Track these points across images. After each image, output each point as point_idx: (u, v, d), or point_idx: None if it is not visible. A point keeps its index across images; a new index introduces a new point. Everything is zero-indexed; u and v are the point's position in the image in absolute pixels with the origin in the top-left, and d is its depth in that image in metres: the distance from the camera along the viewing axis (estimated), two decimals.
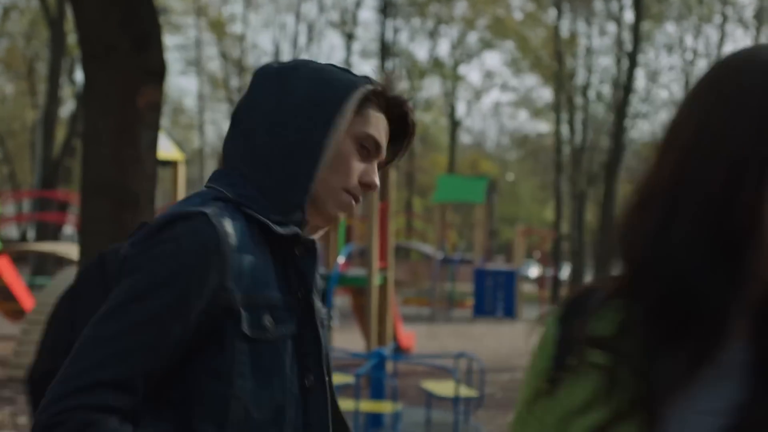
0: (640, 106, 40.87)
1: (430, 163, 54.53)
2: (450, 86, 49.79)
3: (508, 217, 68.67)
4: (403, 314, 24.78)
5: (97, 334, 1.60)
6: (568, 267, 46.71)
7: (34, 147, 39.00)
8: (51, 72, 28.60)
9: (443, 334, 19.93)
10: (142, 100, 4.82)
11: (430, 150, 60.26)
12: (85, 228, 4.82)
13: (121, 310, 1.61)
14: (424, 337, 18.76)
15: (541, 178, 61.31)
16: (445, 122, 54.06)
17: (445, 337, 19.00)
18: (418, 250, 39.14)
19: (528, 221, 64.15)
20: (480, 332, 20.57)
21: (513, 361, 15.05)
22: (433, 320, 23.75)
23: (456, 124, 50.90)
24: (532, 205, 67.98)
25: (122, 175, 4.78)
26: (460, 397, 8.06)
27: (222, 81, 48.11)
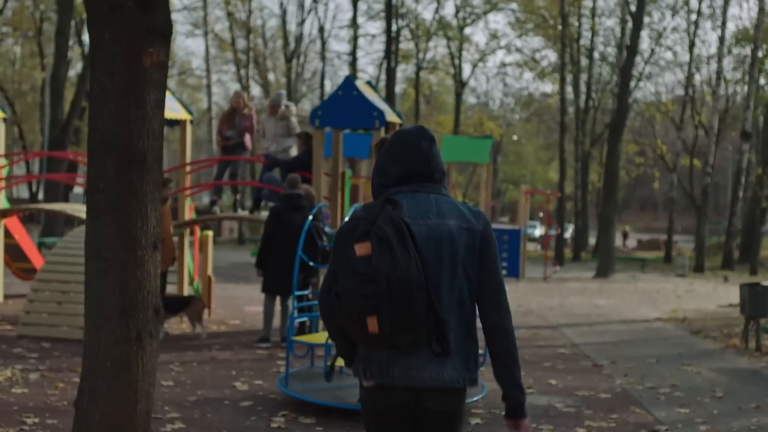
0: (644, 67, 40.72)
1: (435, 123, 54.41)
2: (455, 47, 49.60)
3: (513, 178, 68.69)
4: None
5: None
6: (571, 227, 46.82)
7: (43, 108, 39.08)
8: (59, 32, 28.56)
9: None
10: (148, 60, 4.87)
11: (435, 111, 60.18)
12: (91, 186, 4.90)
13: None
14: None
15: (546, 139, 61.22)
16: (450, 83, 53.91)
17: None
18: None
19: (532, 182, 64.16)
20: None
21: (517, 319, 15.13)
22: None
23: (461, 85, 50.75)
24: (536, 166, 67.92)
25: (129, 135, 4.83)
26: None
27: (229, 42, 47.98)
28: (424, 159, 3.60)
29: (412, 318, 3.30)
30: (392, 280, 3.26)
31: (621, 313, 16.54)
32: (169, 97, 13.72)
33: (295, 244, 10.85)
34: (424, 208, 3.52)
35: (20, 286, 16.34)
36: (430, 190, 3.59)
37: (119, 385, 4.88)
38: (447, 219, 3.51)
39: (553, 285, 23.40)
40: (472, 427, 7.59)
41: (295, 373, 8.98)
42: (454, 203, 3.60)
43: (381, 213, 3.40)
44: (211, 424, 7.44)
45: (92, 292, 4.93)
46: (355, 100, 12.04)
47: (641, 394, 9.21)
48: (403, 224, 3.38)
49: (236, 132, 13.75)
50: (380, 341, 3.35)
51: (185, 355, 10.72)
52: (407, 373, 3.41)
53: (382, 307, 3.27)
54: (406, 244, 3.33)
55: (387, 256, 3.29)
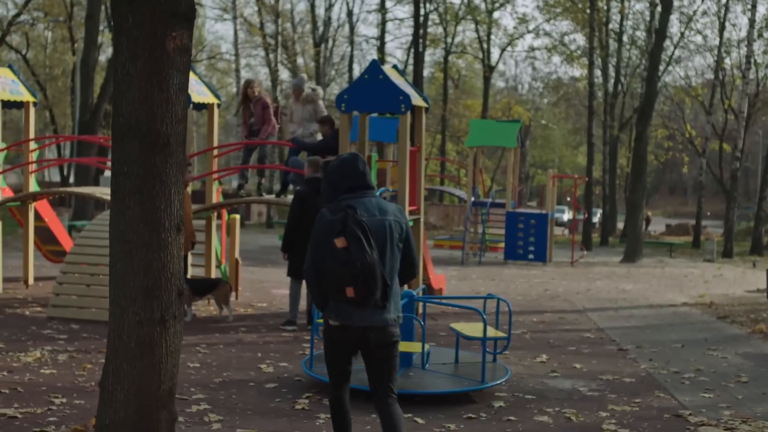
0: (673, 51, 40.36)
1: (463, 107, 54.26)
2: (484, 31, 49.40)
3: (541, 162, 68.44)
4: (436, 257, 24.94)
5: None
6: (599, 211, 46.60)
7: (73, 92, 39.35)
8: (89, 17, 28.69)
9: (474, 276, 20.09)
10: (171, 44, 4.92)
11: (463, 95, 60.00)
12: (116, 169, 4.96)
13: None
14: (455, 280, 18.95)
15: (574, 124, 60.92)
16: (479, 67, 53.72)
17: (476, 280, 19.16)
18: (451, 194, 39.18)
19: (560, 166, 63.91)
20: (511, 275, 20.70)
21: (543, 303, 15.19)
22: (466, 263, 23.90)
23: (489, 70, 50.55)
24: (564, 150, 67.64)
25: (152, 118, 4.89)
26: (487, 337, 8.21)
27: (257, 26, 48.02)
28: (362, 176, 5.37)
29: (375, 288, 5.11)
30: (363, 265, 5.05)
31: (647, 298, 16.49)
32: (196, 81, 13.81)
33: None
34: (370, 208, 5.29)
35: (50, 268, 16.52)
36: (370, 195, 5.36)
37: (143, 366, 4.96)
38: (386, 215, 5.31)
39: (579, 269, 23.33)
40: (495, 410, 7.61)
41: (320, 355, 9.03)
42: (386, 203, 5.40)
43: (346, 216, 5.14)
44: (235, 405, 7.51)
45: (116, 274, 5.00)
46: (381, 84, 12.05)
47: (666, 378, 9.19)
48: (365, 225, 5.12)
49: (256, 120, 13.80)
50: (351, 301, 5.17)
51: (212, 337, 10.81)
52: (363, 318, 5.22)
53: (357, 282, 5.10)
54: (369, 239, 5.12)
55: (359, 249, 5.07)
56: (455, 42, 50.39)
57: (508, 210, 25.31)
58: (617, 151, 43.95)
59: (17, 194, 15.04)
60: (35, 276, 15.28)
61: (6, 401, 7.35)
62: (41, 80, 46.48)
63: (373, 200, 5.32)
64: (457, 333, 8.82)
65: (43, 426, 6.60)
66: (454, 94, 57.05)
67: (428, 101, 13.46)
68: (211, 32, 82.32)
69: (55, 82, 47.95)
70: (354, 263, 5.04)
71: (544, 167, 63.68)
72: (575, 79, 52.63)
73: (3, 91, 14.15)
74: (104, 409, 5.02)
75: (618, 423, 7.28)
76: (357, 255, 5.04)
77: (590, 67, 37.44)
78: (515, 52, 59.17)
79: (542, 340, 11.37)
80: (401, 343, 8.37)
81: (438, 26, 49.36)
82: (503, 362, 9.14)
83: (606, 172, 41.84)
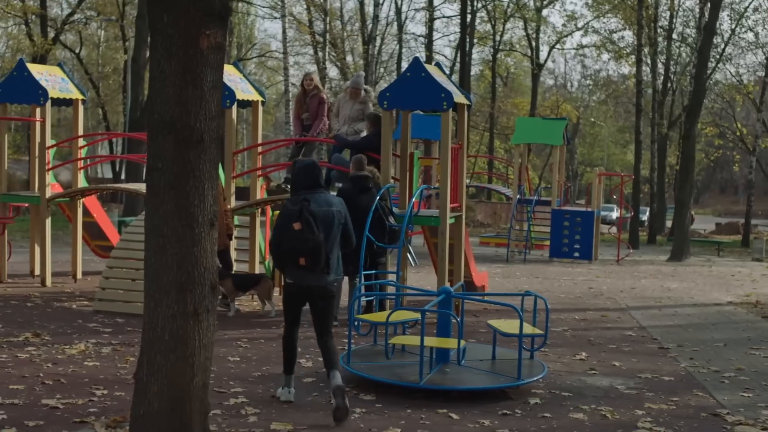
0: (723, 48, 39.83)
1: (511, 105, 54.07)
2: (532, 29, 49.18)
3: (590, 160, 67.98)
4: (481, 255, 24.93)
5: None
6: (647, 210, 46.18)
7: (125, 90, 39.84)
8: (140, 16, 29.03)
9: (519, 274, 20.05)
10: (205, 42, 5.02)
11: (512, 92, 59.79)
12: (151, 165, 5.07)
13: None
14: (499, 277, 18.93)
15: (624, 121, 60.42)
16: (528, 65, 53.50)
17: (520, 278, 19.12)
18: (497, 191, 39.07)
19: (609, 164, 63.44)
20: (555, 273, 20.63)
21: (586, 301, 15.12)
22: (511, 261, 23.85)
23: (538, 67, 50.32)
24: (613, 148, 67.12)
25: (186, 115, 4.99)
26: (523, 334, 8.22)
27: (306, 24, 48.21)
28: (316, 177, 7.44)
29: (320, 258, 7.13)
30: (313, 242, 7.08)
31: (692, 297, 16.35)
32: (241, 78, 13.95)
33: (363, 225, 11.01)
34: (320, 202, 7.30)
35: (99, 263, 16.77)
36: (322, 191, 7.40)
37: (176, 358, 5.06)
38: (331, 207, 7.36)
39: (625, 268, 23.17)
40: (531, 407, 7.62)
41: (359, 350, 9.12)
42: (332, 198, 7.48)
43: (302, 206, 7.15)
44: (272, 399, 7.60)
45: (151, 268, 5.11)
46: (423, 81, 12.09)
47: (705, 377, 9.14)
48: (314, 213, 7.16)
49: (310, 114, 13.86)
50: (303, 267, 7.18)
51: (254, 332, 10.93)
52: (311, 279, 7.23)
53: (308, 254, 7.12)
54: (317, 224, 7.13)
55: (310, 231, 7.08)
56: (504, 40, 50.22)
57: (553, 208, 25.21)
58: (666, 150, 43.55)
59: (66, 190, 15.30)
60: (84, 270, 15.53)
61: (49, 392, 7.52)
62: (94, 78, 47.14)
63: (323, 195, 7.38)
64: (494, 330, 8.84)
65: (84, 417, 6.75)
66: (503, 92, 56.87)
67: (471, 98, 13.47)
68: (261, 30, 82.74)
69: (107, 80, 48.61)
70: (306, 241, 7.07)
71: (593, 165, 63.29)
72: (624, 76, 52.20)
73: (53, 89, 14.39)
74: (139, 400, 5.14)
75: (654, 421, 7.26)
76: (308, 235, 7.07)
77: (638, 64, 37.10)
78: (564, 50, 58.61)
79: (583, 338, 11.34)
80: (437, 339, 8.45)
81: (486, 24, 49.24)
82: (540, 359, 9.14)
83: (654, 170, 41.47)
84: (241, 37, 52.16)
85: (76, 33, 48.44)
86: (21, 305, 12.40)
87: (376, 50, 49.67)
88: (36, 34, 39.49)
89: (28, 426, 6.48)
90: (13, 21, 45.00)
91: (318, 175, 7.46)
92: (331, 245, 7.27)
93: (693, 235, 34.70)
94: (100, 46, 51.85)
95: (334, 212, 7.33)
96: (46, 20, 40.65)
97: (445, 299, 8.53)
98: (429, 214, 12.76)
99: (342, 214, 7.42)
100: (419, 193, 12.41)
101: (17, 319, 11.26)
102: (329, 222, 7.26)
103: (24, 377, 8.07)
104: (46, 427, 6.46)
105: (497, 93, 52.72)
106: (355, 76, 14.41)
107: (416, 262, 20.89)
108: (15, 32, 50.16)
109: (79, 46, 49.21)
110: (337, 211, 7.37)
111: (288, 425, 6.74)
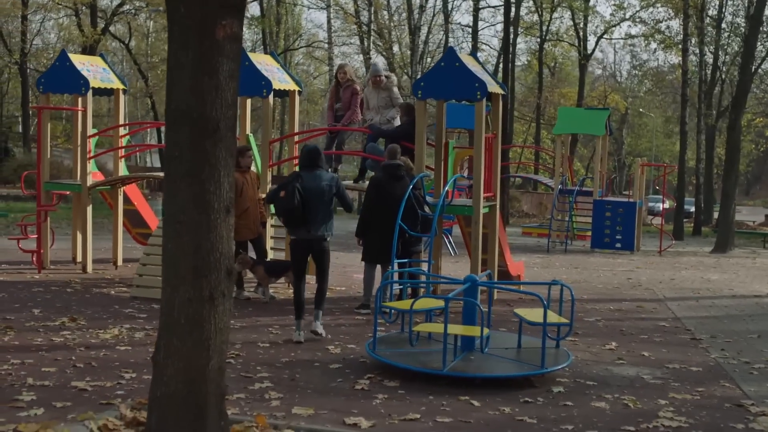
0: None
1: (558, 95, 53.72)
2: (580, 19, 48.82)
3: (638, 151, 67.36)
4: (523, 245, 24.91)
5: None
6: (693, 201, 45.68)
7: None
8: None
9: (558, 264, 20.01)
10: (221, 32, 5.10)
11: (560, 83, 59.43)
12: (169, 154, 5.17)
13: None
14: (538, 267, 18.92)
15: (674, 112, 59.79)
16: (575, 55, 53.13)
17: (559, 268, 19.09)
18: (539, 182, 38.90)
19: (658, 155, 62.82)
20: (595, 263, 20.55)
21: (623, 292, 15.07)
22: (551, 251, 23.79)
23: (586, 57, 49.96)
24: (662, 139, 66.46)
25: (202, 104, 5.08)
26: (547, 323, 8.25)
27: (352, 14, 48.32)
28: (314, 158, 9.64)
29: (293, 219, 9.47)
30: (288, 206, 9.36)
31: (732, 288, 16.21)
32: (278, 68, 14.08)
33: (395, 213, 11.09)
34: (314, 177, 9.51)
35: (140, 251, 16.99)
36: (318, 170, 9.58)
37: (193, 342, 5.17)
38: (322, 182, 9.50)
39: (667, 259, 23.01)
40: (554, 395, 7.66)
41: (387, 337, 9.22)
42: (325, 174, 9.63)
43: (294, 180, 9.48)
44: (297, 384, 7.72)
45: (168, 254, 5.22)
46: (456, 71, 12.13)
47: (734, 368, 9.10)
48: (302, 187, 9.41)
49: (342, 105, 13.97)
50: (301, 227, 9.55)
51: (286, 318, 11.05)
52: (305, 234, 9.55)
53: (285, 215, 9.52)
54: (300, 195, 9.37)
55: (288, 199, 9.36)
56: (551, 30, 49.90)
57: (595, 198, 25.09)
58: (714, 141, 43.06)
59: (107, 178, 15.55)
60: (125, 258, 15.79)
61: (79, 375, 7.70)
62: (143, 68, 47.69)
63: (317, 173, 9.59)
64: (520, 318, 8.89)
65: (110, 398, 6.91)
66: (551, 83, 56.54)
67: (505, 88, 13.48)
68: (309, 20, 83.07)
69: (155, 70, 49.12)
70: (285, 205, 9.43)
71: (641, 156, 62.76)
72: (674, 66, 51.64)
73: (95, 79, 14.64)
74: (156, 382, 5.26)
75: (676, 411, 7.26)
76: (286, 202, 9.41)
77: (684, 54, 36.71)
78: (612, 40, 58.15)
79: (615, 328, 11.33)
80: (461, 326, 8.51)
81: (533, 14, 48.98)
82: (566, 348, 9.16)
83: (700, 161, 41.03)
84: (288, 28, 52.41)
85: (126, 23, 49.01)
86: (61, 291, 12.66)
87: (421, 40, 49.62)
88: (86, 25, 40.05)
89: (56, 407, 6.65)
90: (64, 12, 45.68)
91: (316, 158, 9.66)
92: (318, 209, 9.48)
93: (740, 227, 34.32)
94: (149, 36, 52.41)
95: (324, 186, 9.53)
96: (96, 11, 41.19)
97: (470, 287, 8.58)
98: (462, 204, 12.81)
99: (332, 186, 9.60)
100: (452, 182, 12.45)
101: (56, 304, 11.51)
102: (320, 193, 9.50)
103: (56, 360, 8.27)
104: (72, 408, 6.62)
105: (544, 83, 52.40)
106: (372, 66, 14.50)
107: (456, 252, 20.96)
108: (66, 23, 50.96)
109: (129, 37, 49.79)
110: (326, 184, 9.55)
111: (309, 409, 6.84)
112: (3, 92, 54.38)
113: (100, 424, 5.96)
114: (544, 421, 6.85)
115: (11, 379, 7.51)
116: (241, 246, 12.76)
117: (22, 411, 6.51)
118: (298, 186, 9.37)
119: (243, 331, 10.15)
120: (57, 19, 51.44)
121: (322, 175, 9.60)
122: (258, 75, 13.25)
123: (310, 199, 9.41)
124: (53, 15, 49.38)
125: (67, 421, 6.20)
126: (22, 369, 7.87)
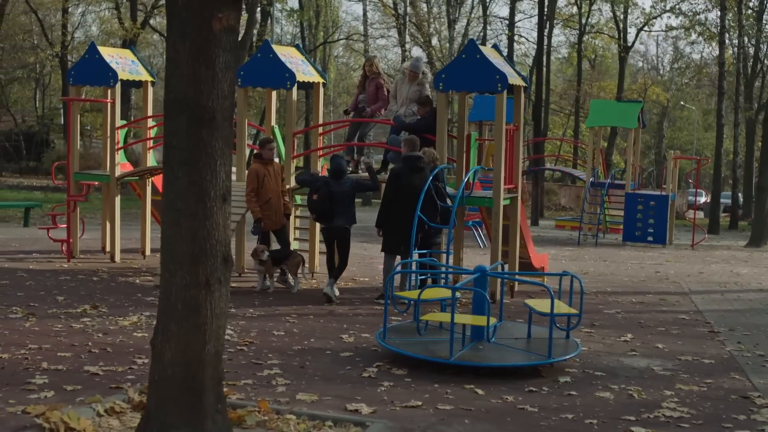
0: None
1: (597, 88, 53.33)
2: (620, 11, 48.51)
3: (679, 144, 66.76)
4: (554, 238, 24.89)
5: None
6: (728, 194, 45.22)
7: None
8: None
9: (587, 257, 19.98)
10: (218, 24, 5.22)
11: (600, 75, 59.02)
12: (167, 143, 5.30)
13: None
14: (567, 260, 18.91)
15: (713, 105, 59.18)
16: (615, 48, 52.78)
17: (587, 261, 19.06)
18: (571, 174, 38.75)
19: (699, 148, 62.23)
20: (625, 256, 20.49)
21: (649, 285, 15.03)
22: (582, 244, 23.75)
23: (626, 50, 49.62)
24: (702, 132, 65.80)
25: (199, 94, 5.20)
26: (555, 313, 8.30)
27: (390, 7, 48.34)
28: (341, 169, 12.09)
29: (325, 216, 11.99)
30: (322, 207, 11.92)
31: (760, 283, 16.11)
32: (302, 61, 14.21)
33: (414, 204, 11.18)
34: (339, 183, 11.94)
35: None
36: (341, 177, 12.00)
37: (189, 327, 5.30)
38: (345, 185, 12.02)
39: (699, 253, 22.88)
40: (560, 385, 7.71)
41: (398, 326, 9.32)
42: (347, 179, 12.12)
43: (324, 185, 11.94)
44: (306, 371, 7.84)
45: (167, 240, 5.35)
46: (477, 63, 12.18)
47: (747, 361, 9.09)
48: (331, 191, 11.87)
49: (366, 97, 14.07)
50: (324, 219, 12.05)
51: (305, 308, 11.20)
52: (329, 223, 12.02)
53: (319, 213, 12.09)
54: (331, 198, 11.84)
55: (325, 201, 11.86)
56: (590, 22, 49.60)
57: (627, 191, 24.99)
58: (755, 134, 42.60)
59: (135, 169, 15.78)
60: (153, 248, 16.01)
61: (93, 360, 7.89)
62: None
63: (342, 180, 11.96)
64: (529, 308, 8.95)
65: (120, 383, 7.07)
66: (591, 75, 56.16)
67: (527, 80, 13.50)
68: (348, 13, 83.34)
69: None
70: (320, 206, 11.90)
71: (683, 149, 62.25)
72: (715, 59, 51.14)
73: (123, 71, 14.87)
74: (155, 366, 5.40)
75: (680, 402, 7.29)
76: (321, 204, 11.87)
77: (721, 47, 36.36)
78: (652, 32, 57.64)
79: (633, 320, 11.33)
80: (468, 316, 8.59)
81: (572, 5, 48.75)
82: (578, 339, 9.19)
83: (737, 154, 40.63)
84: (326, 20, 52.56)
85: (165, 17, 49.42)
86: (87, 279, 12.90)
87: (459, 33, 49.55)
88: (126, 18, 40.46)
89: (66, 390, 6.82)
90: (105, 5, 46.17)
91: (341, 168, 12.08)
92: (341, 207, 11.86)
93: None
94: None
95: (346, 189, 11.97)
96: (136, 4, 41.56)
97: (480, 277, 8.65)
98: (483, 195, 12.86)
99: (351, 185, 12.10)
100: (473, 173, 12.51)
101: (80, 292, 11.74)
102: (343, 195, 11.89)
103: (73, 345, 8.47)
104: (83, 391, 6.79)
105: (585, 76, 52.10)
106: (414, 59, 14.55)
107: (485, 244, 20.99)
108: (107, 16, 51.50)
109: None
110: (348, 186, 12.03)
111: (313, 395, 6.96)
112: (45, 84, 55.05)
113: (107, 406, 6.13)
114: (545, 409, 6.92)
115: (27, 363, 7.71)
116: (264, 237, 12.96)
117: (32, 393, 6.69)
118: (328, 191, 11.79)
119: (260, 320, 10.30)
120: (98, 12, 52.00)
121: (346, 180, 12.06)
122: (282, 67, 13.39)
123: (336, 201, 11.82)
124: (94, 8, 49.93)
125: (75, 403, 6.36)
126: (38, 354, 8.07)
